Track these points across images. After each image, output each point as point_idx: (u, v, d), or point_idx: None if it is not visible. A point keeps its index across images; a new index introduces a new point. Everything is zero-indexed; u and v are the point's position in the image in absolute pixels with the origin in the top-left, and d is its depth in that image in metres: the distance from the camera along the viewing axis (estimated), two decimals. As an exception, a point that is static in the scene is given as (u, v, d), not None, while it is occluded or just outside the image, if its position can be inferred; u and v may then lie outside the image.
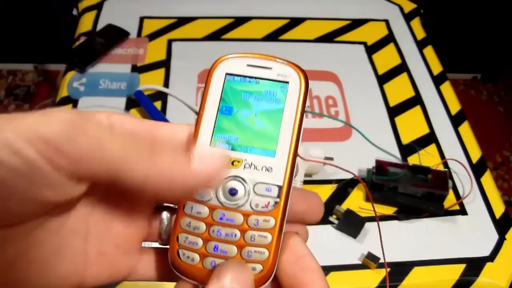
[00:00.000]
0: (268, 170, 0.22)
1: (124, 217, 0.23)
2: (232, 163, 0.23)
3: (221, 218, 0.22)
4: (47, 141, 0.17)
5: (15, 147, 0.16)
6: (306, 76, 0.24)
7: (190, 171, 0.20)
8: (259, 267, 0.21)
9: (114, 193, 0.22)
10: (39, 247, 0.20)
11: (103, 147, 0.18)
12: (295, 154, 0.23)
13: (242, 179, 0.22)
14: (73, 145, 0.18)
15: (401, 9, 0.91)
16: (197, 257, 0.22)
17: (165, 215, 0.24)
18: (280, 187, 0.22)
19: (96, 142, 0.18)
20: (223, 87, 0.24)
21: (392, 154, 0.65)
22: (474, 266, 0.54)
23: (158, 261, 0.24)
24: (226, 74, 0.24)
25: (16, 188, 0.17)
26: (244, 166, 0.23)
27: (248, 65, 0.24)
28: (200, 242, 0.22)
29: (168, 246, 0.23)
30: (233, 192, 0.22)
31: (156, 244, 0.25)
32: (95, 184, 0.20)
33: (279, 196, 0.22)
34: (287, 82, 0.24)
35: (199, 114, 0.24)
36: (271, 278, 0.22)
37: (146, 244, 0.25)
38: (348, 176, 0.63)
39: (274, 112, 0.23)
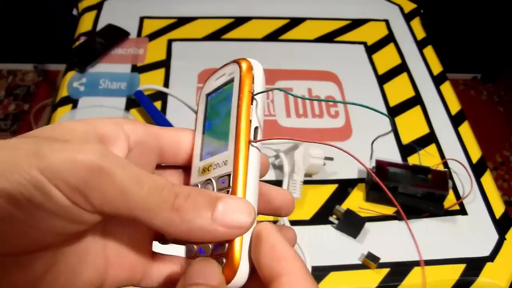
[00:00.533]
0: (225, 164, 0.23)
1: (135, 224, 0.23)
2: (208, 169, 0.24)
3: None
4: (73, 188, 0.18)
5: (43, 188, 0.17)
6: (248, 64, 0.24)
7: (212, 223, 0.20)
8: (222, 260, 0.21)
9: None
10: (64, 260, 0.20)
11: (127, 195, 0.19)
12: (244, 139, 0.22)
13: (210, 180, 0.23)
14: (98, 193, 0.18)
15: (401, 9, 0.91)
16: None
17: None
18: (229, 175, 0.22)
19: (121, 190, 0.18)
20: (205, 107, 0.26)
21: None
22: (474, 266, 0.54)
23: (168, 267, 0.24)
24: (206, 95, 0.27)
25: (40, 221, 0.18)
26: (214, 168, 0.23)
27: (216, 79, 0.26)
28: (194, 248, 0.23)
29: (175, 244, 0.24)
30: None
31: (161, 247, 0.25)
32: None
33: (229, 184, 0.22)
34: (233, 79, 0.24)
35: (194, 137, 0.25)
36: (240, 270, 0.21)
37: (158, 247, 0.25)
38: (348, 175, 0.63)
39: (227, 111, 0.24)
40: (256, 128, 0.23)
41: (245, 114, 0.23)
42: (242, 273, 0.21)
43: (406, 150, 0.66)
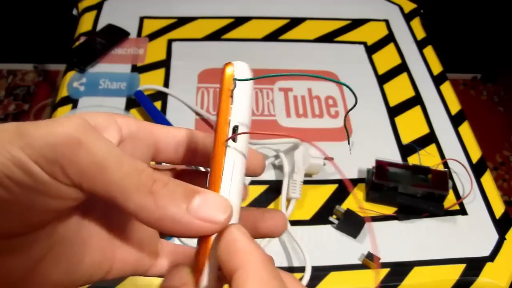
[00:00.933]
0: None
1: None
2: None
3: None
4: (51, 161, 0.18)
5: (24, 166, 0.17)
6: (228, 66, 0.22)
7: (185, 213, 0.19)
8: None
9: None
10: (63, 243, 0.20)
11: (105, 171, 0.18)
12: (220, 139, 0.21)
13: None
14: (75, 166, 0.18)
15: (401, 9, 0.91)
16: None
17: None
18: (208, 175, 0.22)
19: (100, 165, 0.18)
20: None
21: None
22: (474, 266, 0.54)
23: (174, 259, 0.25)
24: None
25: (24, 199, 0.18)
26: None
27: None
28: None
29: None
30: None
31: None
32: None
33: (206, 184, 0.21)
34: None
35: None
36: (205, 272, 0.21)
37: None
38: (349, 176, 0.63)
39: None
40: (236, 127, 0.21)
41: (223, 114, 0.21)
42: (207, 275, 0.21)
43: (406, 150, 0.66)
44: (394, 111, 0.72)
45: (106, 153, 0.19)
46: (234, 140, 0.21)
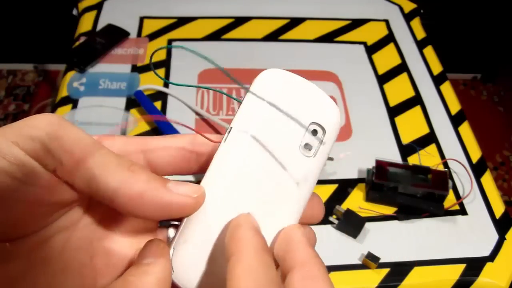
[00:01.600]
0: None
1: (128, 233, 0.23)
2: None
3: None
4: (34, 140, 0.18)
5: (4, 152, 0.17)
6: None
7: (163, 189, 0.20)
8: None
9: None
10: (44, 265, 0.20)
11: (85, 146, 0.19)
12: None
13: None
14: (59, 142, 0.18)
15: (401, 9, 0.91)
16: None
17: (171, 232, 0.24)
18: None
19: (82, 143, 0.19)
20: None
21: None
22: (474, 266, 0.54)
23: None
24: None
25: (11, 191, 0.18)
26: None
27: None
28: None
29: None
30: None
31: None
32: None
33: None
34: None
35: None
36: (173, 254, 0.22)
37: None
38: (348, 176, 0.63)
39: None
40: (230, 129, 0.22)
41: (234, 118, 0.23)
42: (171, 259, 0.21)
43: (406, 150, 0.66)
44: (394, 111, 0.72)
45: (85, 136, 0.19)
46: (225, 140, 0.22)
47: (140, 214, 0.20)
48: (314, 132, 0.22)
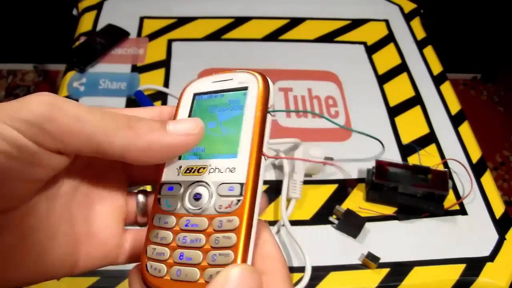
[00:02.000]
0: (231, 171, 0.22)
1: (103, 199, 0.24)
2: (198, 170, 0.23)
3: (186, 225, 0.22)
4: (29, 123, 0.18)
5: (7, 137, 0.18)
6: (265, 78, 0.25)
7: (166, 134, 0.21)
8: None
9: (91, 174, 0.24)
10: (33, 232, 0.21)
11: (82, 121, 0.20)
12: (259, 152, 0.23)
13: (206, 183, 0.23)
14: (53, 123, 0.19)
15: (401, 9, 0.91)
16: (163, 268, 0.21)
17: (141, 197, 0.25)
18: (242, 184, 0.22)
19: (75, 117, 0.19)
20: (191, 106, 0.26)
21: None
22: (474, 266, 0.54)
23: (137, 245, 0.25)
24: (194, 94, 0.26)
25: (9, 170, 0.18)
26: (209, 172, 0.23)
27: (213, 82, 0.26)
28: (167, 252, 0.22)
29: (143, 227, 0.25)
30: (197, 197, 0.22)
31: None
32: (77, 160, 0.22)
33: (242, 193, 0.21)
34: (246, 88, 0.25)
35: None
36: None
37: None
38: (348, 176, 0.63)
39: (236, 117, 0.24)
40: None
41: (261, 128, 0.23)
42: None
43: (406, 150, 0.66)
44: (394, 111, 0.72)
45: (78, 108, 0.20)
46: None
47: (150, 161, 0.22)
48: None
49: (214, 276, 0.19)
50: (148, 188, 0.28)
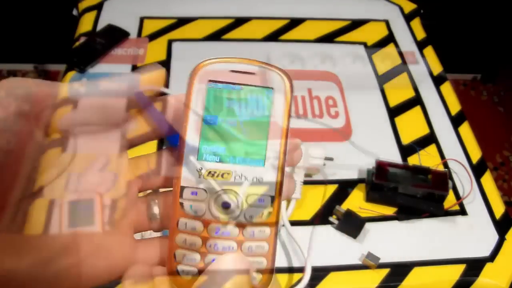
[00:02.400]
0: (259, 180, 0.22)
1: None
2: (222, 175, 0.22)
3: (216, 232, 0.22)
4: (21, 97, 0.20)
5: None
6: (291, 80, 0.23)
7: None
8: (258, 276, 0.22)
9: None
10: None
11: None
12: (284, 161, 0.23)
13: (234, 191, 0.22)
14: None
15: (401, 9, 0.91)
16: (195, 272, 0.22)
17: (152, 201, 0.25)
18: (272, 197, 0.22)
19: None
20: (206, 94, 0.24)
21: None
22: (474, 266, 0.54)
23: (155, 251, 0.24)
24: (209, 81, 0.25)
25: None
26: (235, 178, 0.22)
27: (231, 71, 0.24)
28: (198, 257, 0.22)
29: (160, 233, 0.24)
30: (226, 205, 0.22)
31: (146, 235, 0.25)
32: None
33: (272, 205, 0.22)
34: (272, 88, 0.23)
35: (183, 125, 0.24)
36: (271, 282, 0.22)
37: (139, 236, 0.24)
38: (348, 176, 0.63)
39: (261, 120, 0.23)
40: None
41: (286, 136, 0.23)
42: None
43: (406, 150, 0.66)
44: (394, 112, 0.72)
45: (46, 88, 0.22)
46: None
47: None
48: None
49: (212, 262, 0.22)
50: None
